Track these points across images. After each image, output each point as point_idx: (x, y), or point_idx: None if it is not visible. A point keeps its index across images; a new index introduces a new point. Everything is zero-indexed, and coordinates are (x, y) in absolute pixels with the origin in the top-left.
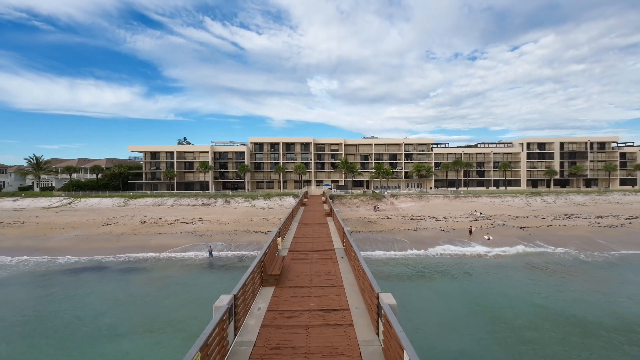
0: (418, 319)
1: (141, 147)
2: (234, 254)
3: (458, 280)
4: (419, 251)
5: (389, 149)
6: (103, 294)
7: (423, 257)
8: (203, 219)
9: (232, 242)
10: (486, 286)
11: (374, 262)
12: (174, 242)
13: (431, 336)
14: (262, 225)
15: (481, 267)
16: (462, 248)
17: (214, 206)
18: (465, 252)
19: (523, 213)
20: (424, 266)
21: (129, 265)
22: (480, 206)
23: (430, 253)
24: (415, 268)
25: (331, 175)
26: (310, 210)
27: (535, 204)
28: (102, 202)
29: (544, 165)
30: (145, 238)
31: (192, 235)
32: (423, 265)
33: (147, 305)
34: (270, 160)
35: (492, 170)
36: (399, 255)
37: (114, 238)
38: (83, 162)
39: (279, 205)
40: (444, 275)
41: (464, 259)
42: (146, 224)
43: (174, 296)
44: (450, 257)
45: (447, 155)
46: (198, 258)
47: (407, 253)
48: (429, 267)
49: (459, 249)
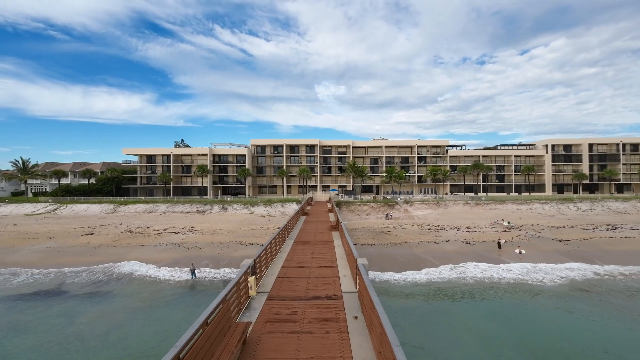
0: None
1: (136, 150)
2: (220, 275)
3: (505, 320)
4: (444, 271)
5: (401, 151)
6: (40, 328)
7: (450, 281)
8: (195, 228)
9: (223, 258)
10: (547, 329)
11: (392, 291)
12: (156, 257)
13: None
14: (259, 235)
15: (527, 294)
16: (497, 268)
17: (209, 213)
18: (502, 275)
19: (557, 222)
20: (454, 293)
21: (93, 289)
22: (505, 214)
23: (459, 275)
24: (445, 297)
25: (338, 179)
26: (312, 222)
27: (569, 211)
28: (90, 208)
29: (570, 168)
30: (124, 251)
31: (178, 249)
32: (452, 292)
33: (81, 352)
34: (273, 164)
35: (513, 174)
36: (423, 279)
37: (89, 251)
38: (78, 166)
39: (281, 213)
40: (485, 314)
41: (502, 284)
42: (131, 234)
43: (122, 340)
44: (487, 281)
45: (464, 158)
46: (176, 279)
47: (433, 277)
48: (461, 296)
49: (495, 272)
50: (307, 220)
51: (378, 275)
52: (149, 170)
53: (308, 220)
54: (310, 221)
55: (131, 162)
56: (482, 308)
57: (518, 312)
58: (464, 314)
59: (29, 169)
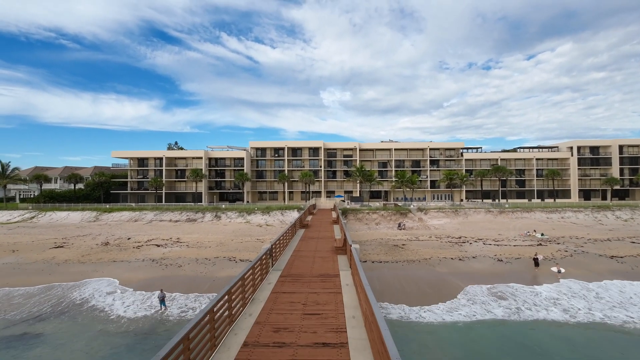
0: None
1: (126, 153)
2: (196, 305)
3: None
4: (484, 304)
5: (411, 154)
6: None
7: (497, 321)
8: (180, 240)
9: (204, 279)
10: None
11: (423, 342)
12: (125, 277)
13: None
14: (252, 249)
15: (618, 346)
16: (548, 301)
17: (200, 222)
18: (568, 318)
19: (598, 234)
20: (506, 345)
21: (22, 328)
22: (535, 224)
23: (507, 311)
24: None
25: (344, 185)
26: (312, 238)
27: (608, 221)
28: (70, 216)
29: (598, 172)
30: (91, 269)
31: (155, 266)
32: (502, 343)
33: None
34: (274, 168)
35: (535, 179)
36: (460, 319)
37: (49, 268)
38: (69, 170)
39: (280, 222)
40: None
41: (570, 326)
42: (107, 247)
43: None
44: (545, 321)
45: (480, 162)
46: (136, 314)
47: (472, 317)
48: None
49: (546, 307)
50: (306, 235)
51: (400, 312)
52: (140, 174)
53: (307, 235)
54: (310, 237)
55: (121, 165)
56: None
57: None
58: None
59: (9, 173)
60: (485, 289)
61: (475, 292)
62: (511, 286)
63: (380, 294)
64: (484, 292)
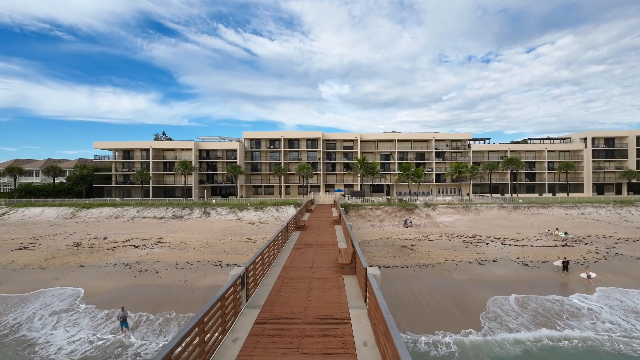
0: None
1: (110, 144)
2: (165, 332)
3: None
4: (529, 329)
5: (415, 145)
6: None
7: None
8: (162, 240)
9: (183, 290)
10: None
11: None
12: (90, 285)
13: None
14: (242, 251)
15: None
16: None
17: (187, 219)
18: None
19: (626, 233)
20: None
21: None
22: (554, 221)
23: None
24: None
25: (344, 178)
26: (310, 245)
27: (633, 217)
28: (45, 212)
29: (613, 165)
30: (52, 276)
31: (127, 272)
32: None
33: None
34: (269, 160)
35: (546, 172)
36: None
37: (1, 276)
38: (51, 162)
39: (274, 219)
40: None
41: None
42: (78, 248)
43: None
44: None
45: (488, 154)
46: (84, 349)
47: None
48: None
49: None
50: (301, 241)
51: (427, 347)
52: (125, 167)
53: (302, 241)
54: (306, 244)
55: (105, 157)
56: None
57: None
58: None
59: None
60: (516, 304)
61: (507, 309)
62: (551, 299)
63: (393, 312)
64: (515, 308)
